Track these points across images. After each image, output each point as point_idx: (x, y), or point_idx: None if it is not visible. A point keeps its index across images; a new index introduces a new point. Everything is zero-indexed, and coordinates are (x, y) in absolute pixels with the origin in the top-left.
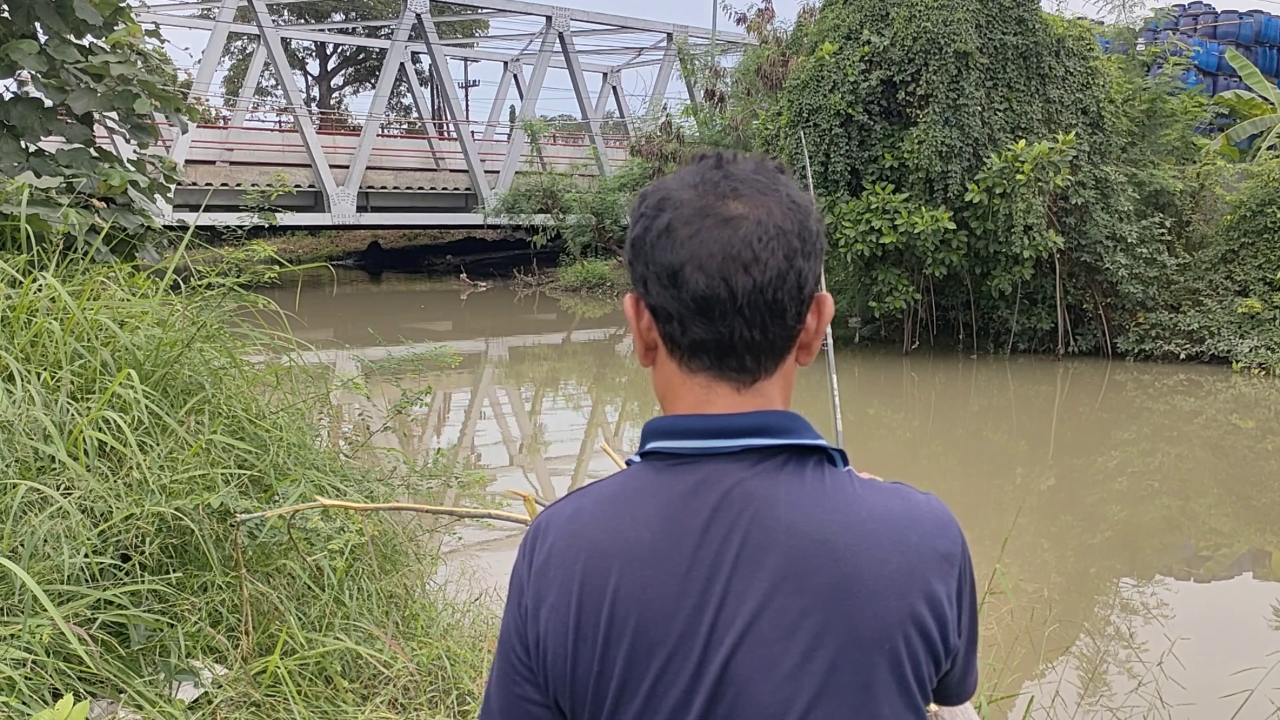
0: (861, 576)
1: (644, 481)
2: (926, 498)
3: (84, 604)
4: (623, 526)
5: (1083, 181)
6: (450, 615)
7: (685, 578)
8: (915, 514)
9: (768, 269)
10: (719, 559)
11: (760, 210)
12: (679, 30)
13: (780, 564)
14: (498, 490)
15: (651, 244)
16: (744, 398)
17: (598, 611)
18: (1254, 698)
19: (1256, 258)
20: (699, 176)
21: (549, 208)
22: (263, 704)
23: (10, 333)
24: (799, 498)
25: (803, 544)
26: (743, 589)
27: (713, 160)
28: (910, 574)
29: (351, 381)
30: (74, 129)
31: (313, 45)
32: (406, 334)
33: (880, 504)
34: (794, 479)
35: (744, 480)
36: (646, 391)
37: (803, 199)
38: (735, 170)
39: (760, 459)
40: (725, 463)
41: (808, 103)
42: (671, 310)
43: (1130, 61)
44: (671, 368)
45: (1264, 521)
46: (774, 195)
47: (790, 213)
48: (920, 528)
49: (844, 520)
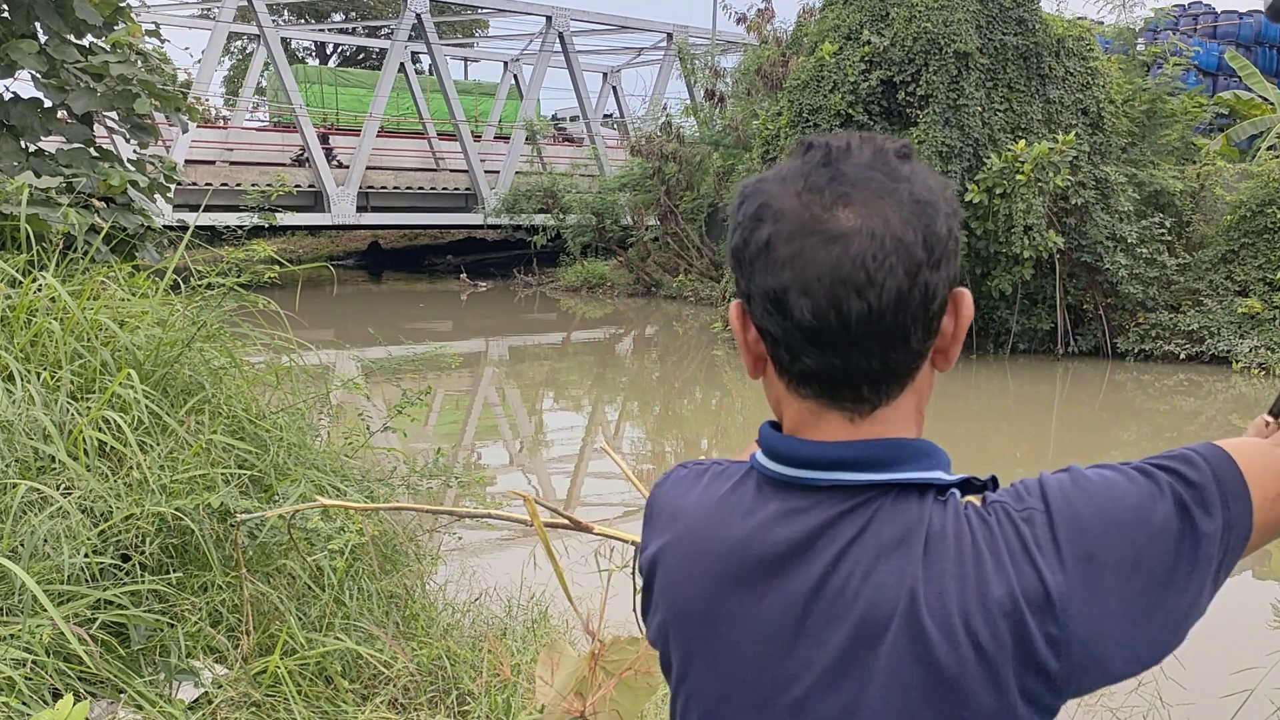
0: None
1: (744, 493)
2: (1022, 546)
3: (84, 604)
4: (714, 540)
5: (1083, 182)
6: (450, 615)
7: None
8: (1002, 590)
9: (885, 291)
10: (788, 616)
11: (875, 220)
12: (679, 30)
13: (850, 631)
14: (498, 490)
15: (750, 260)
16: (858, 427)
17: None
18: (1254, 698)
19: (1256, 258)
20: (803, 178)
21: (549, 208)
22: (263, 704)
23: (10, 333)
24: (875, 551)
25: (877, 611)
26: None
27: (820, 153)
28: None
29: (351, 381)
30: (74, 129)
31: (313, 45)
32: (406, 334)
33: (964, 582)
34: (887, 530)
35: (831, 523)
36: (646, 391)
37: (929, 193)
38: (847, 168)
39: (850, 496)
40: (817, 497)
41: (808, 103)
42: (777, 336)
43: (1130, 62)
44: (780, 386)
45: None
46: (892, 198)
47: (913, 217)
48: (1012, 603)
49: (924, 602)
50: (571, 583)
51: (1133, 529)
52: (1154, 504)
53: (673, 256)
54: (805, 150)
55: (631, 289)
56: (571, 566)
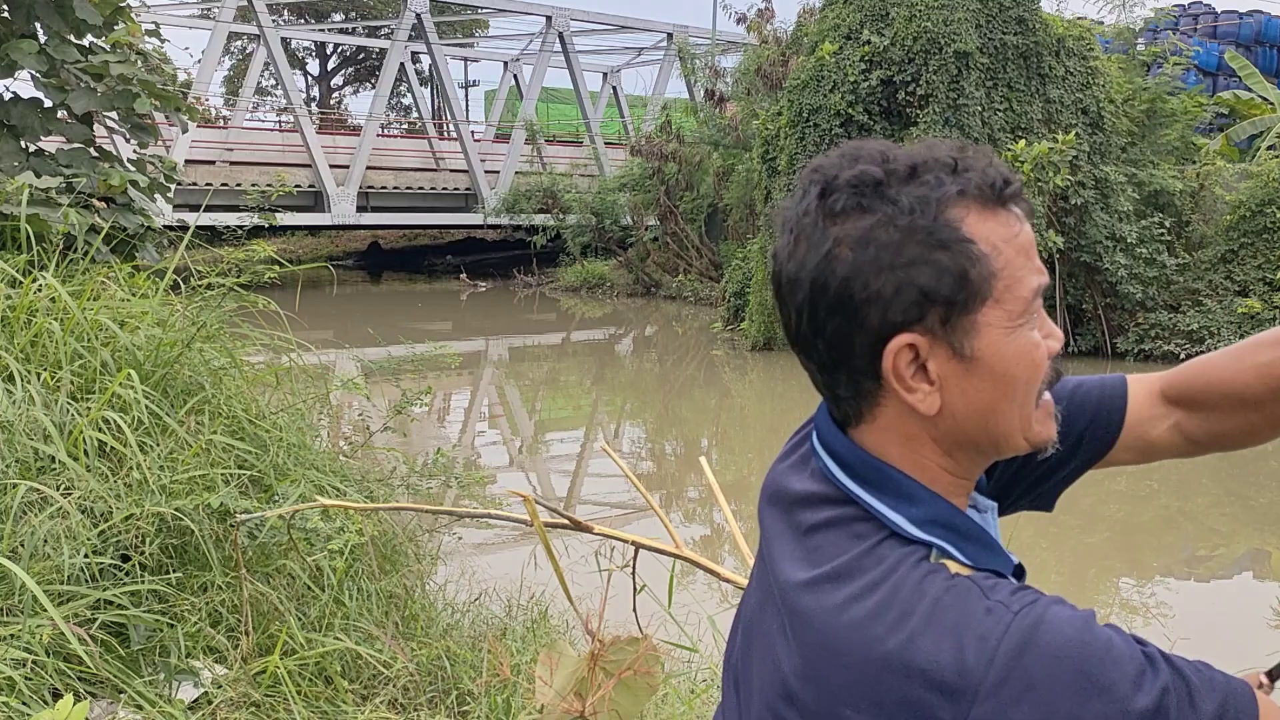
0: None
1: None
2: (967, 620)
3: (84, 604)
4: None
5: (1082, 181)
6: (450, 615)
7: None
8: (886, 657)
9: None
10: None
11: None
12: (679, 30)
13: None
14: (498, 490)
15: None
16: (855, 434)
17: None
18: None
19: (1256, 258)
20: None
21: (549, 208)
22: (263, 704)
23: (10, 333)
24: (826, 555)
25: (794, 595)
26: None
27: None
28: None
29: (351, 381)
30: (74, 129)
31: (313, 45)
32: (406, 334)
33: (867, 631)
34: (842, 532)
35: (825, 504)
36: (646, 391)
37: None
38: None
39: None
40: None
41: (808, 103)
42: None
43: (1130, 61)
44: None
45: (1263, 521)
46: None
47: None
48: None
49: (825, 611)
50: (571, 583)
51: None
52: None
53: (672, 256)
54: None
55: (631, 289)
56: (571, 566)
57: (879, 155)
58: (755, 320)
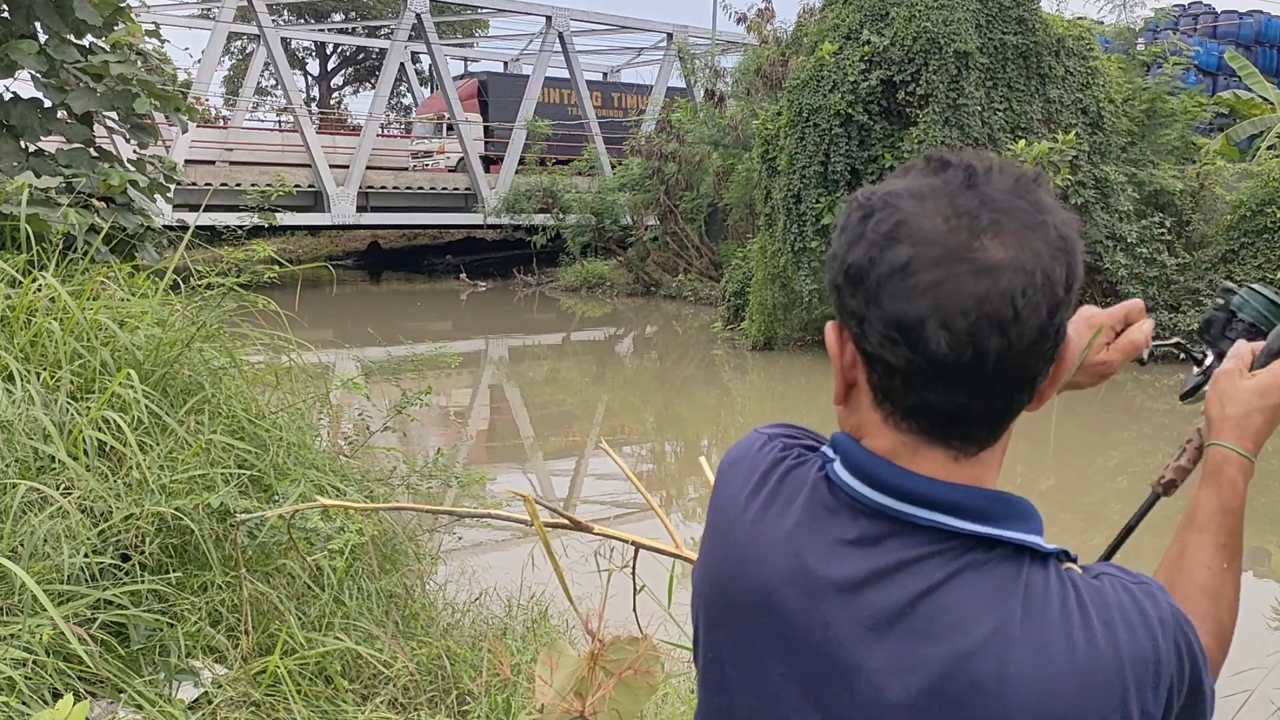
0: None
1: (822, 506)
2: (1141, 614)
3: (84, 604)
4: (783, 544)
5: (1082, 181)
6: (450, 615)
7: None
8: (1118, 661)
9: (1028, 329)
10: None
11: (1026, 254)
12: (679, 30)
13: (924, 685)
14: (498, 490)
15: (878, 282)
16: (960, 467)
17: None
18: (1254, 698)
19: (1256, 258)
20: (947, 199)
21: (549, 207)
22: (263, 704)
23: (10, 333)
24: (977, 612)
25: (955, 676)
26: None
27: (961, 174)
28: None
29: (351, 381)
30: (74, 129)
31: (313, 45)
32: (406, 334)
33: (1076, 658)
34: (978, 583)
35: (921, 564)
36: (646, 391)
37: (1069, 228)
38: (993, 192)
39: (946, 541)
40: (902, 532)
41: (808, 102)
42: (896, 366)
43: (1130, 61)
44: (874, 416)
45: (1263, 521)
46: (1041, 231)
47: (1059, 254)
48: (1121, 681)
49: (1019, 666)
50: (571, 583)
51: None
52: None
53: (672, 256)
54: (941, 167)
55: (631, 289)
56: (571, 566)
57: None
58: (755, 320)
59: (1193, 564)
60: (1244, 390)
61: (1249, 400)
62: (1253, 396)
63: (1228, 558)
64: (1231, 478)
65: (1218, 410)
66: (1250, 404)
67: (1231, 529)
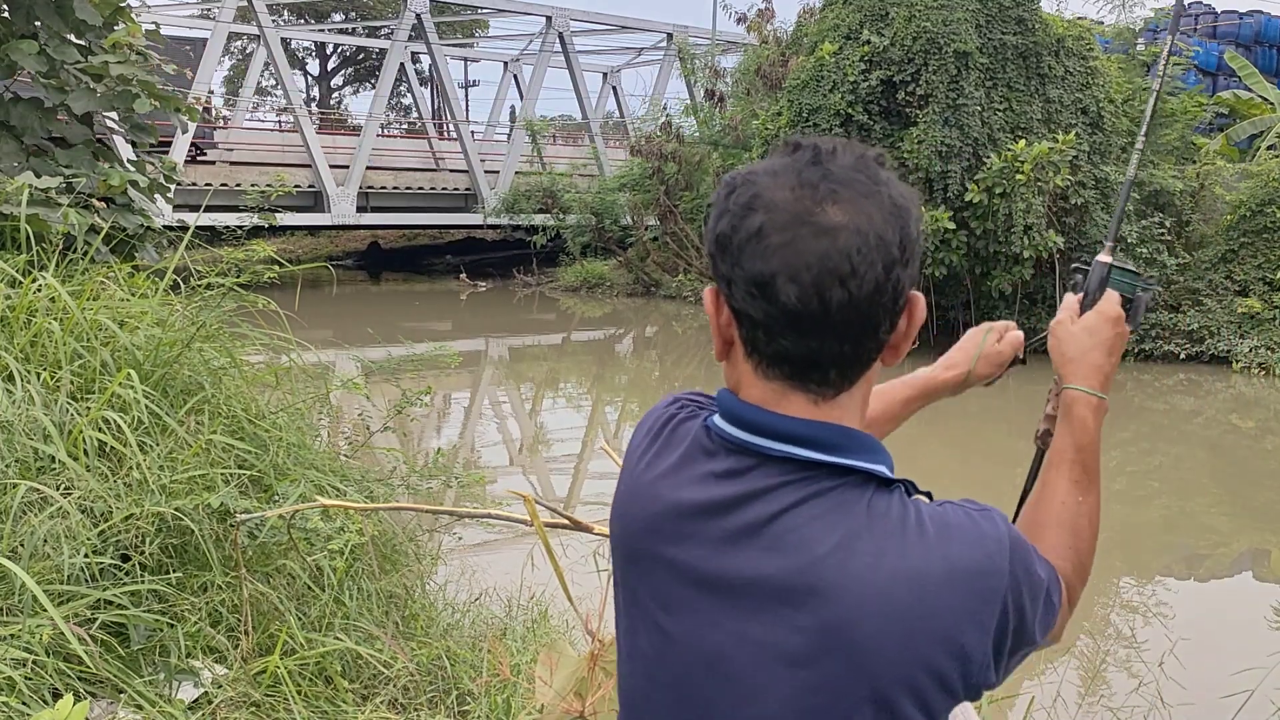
0: (856, 639)
1: (700, 449)
2: (977, 532)
3: (84, 604)
4: (667, 481)
5: (1082, 181)
6: (450, 615)
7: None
8: (950, 569)
9: (865, 282)
10: (722, 550)
11: (860, 218)
12: (679, 30)
13: (777, 586)
14: (498, 490)
15: (739, 247)
16: (820, 409)
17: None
18: (1254, 698)
19: (1256, 258)
20: (795, 174)
21: (549, 208)
22: (263, 704)
23: (10, 333)
24: (822, 529)
25: (805, 578)
26: (739, 594)
27: (809, 153)
28: (920, 645)
29: (351, 381)
30: (74, 129)
31: (313, 45)
32: (406, 334)
33: (909, 563)
34: (826, 505)
35: (778, 490)
36: (646, 391)
37: (904, 199)
38: (834, 168)
39: (796, 470)
40: (764, 464)
41: (808, 103)
42: (757, 318)
43: (1130, 61)
44: (747, 368)
45: (1263, 521)
46: (875, 199)
47: (892, 219)
48: (951, 589)
49: (857, 573)
50: (571, 583)
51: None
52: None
53: (672, 256)
54: (794, 150)
55: (631, 289)
56: (571, 566)
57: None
58: None
59: (1050, 499)
60: (1076, 333)
61: (1082, 340)
62: (1084, 336)
63: (1082, 492)
64: (1081, 416)
65: (1058, 356)
66: (1084, 343)
67: (1085, 465)
